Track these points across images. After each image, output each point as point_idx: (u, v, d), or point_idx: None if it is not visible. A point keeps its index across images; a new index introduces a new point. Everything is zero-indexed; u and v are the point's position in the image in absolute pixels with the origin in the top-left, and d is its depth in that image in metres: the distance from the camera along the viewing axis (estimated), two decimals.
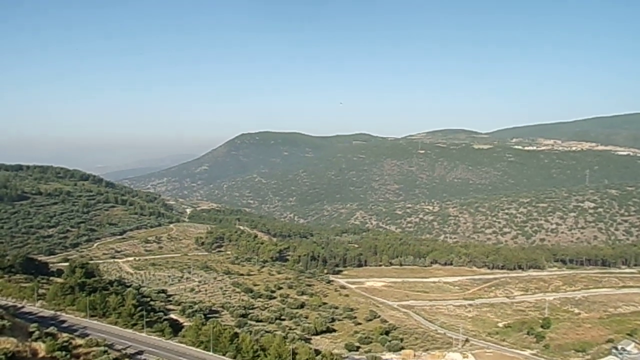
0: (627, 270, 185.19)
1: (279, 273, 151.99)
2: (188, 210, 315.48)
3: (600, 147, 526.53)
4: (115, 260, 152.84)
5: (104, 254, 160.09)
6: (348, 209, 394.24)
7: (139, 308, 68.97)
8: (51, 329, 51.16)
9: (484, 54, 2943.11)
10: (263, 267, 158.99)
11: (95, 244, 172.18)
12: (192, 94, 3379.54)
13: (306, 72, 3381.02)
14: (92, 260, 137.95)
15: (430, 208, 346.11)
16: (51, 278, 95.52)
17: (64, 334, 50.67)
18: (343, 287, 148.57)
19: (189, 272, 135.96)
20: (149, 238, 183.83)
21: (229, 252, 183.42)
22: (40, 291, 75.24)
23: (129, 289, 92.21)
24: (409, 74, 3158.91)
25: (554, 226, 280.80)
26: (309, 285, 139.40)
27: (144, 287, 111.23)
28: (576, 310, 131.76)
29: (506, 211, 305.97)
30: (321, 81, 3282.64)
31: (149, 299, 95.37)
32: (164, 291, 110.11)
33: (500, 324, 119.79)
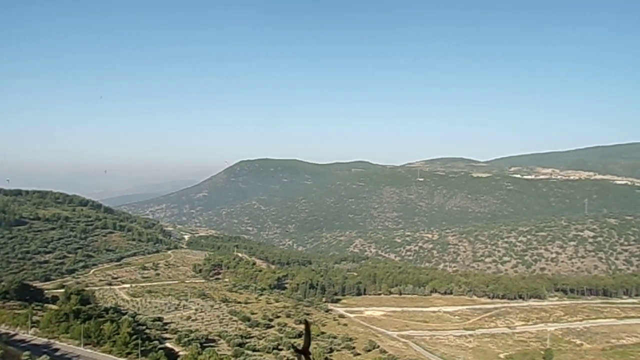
0: (629, 300, 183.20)
1: (276, 301, 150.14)
2: (186, 237, 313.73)
3: (599, 176, 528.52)
4: (112, 287, 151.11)
5: (101, 280, 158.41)
6: (347, 236, 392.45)
7: (134, 336, 68.00)
8: (43, 358, 50.34)
9: (482, 84, 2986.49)
10: (261, 295, 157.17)
11: (92, 270, 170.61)
12: (193, 121, 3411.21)
13: (305, 100, 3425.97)
14: (88, 286, 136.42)
15: (430, 236, 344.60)
16: (46, 305, 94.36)
17: None
18: (342, 316, 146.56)
19: (186, 300, 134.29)
20: (146, 265, 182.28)
21: (226, 280, 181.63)
22: (35, 318, 74.27)
23: (124, 317, 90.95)
24: (408, 102, 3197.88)
25: (554, 255, 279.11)
26: (307, 314, 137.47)
27: (139, 314, 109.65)
28: (578, 341, 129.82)
29: (506, 240, 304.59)
30: (320, 109, 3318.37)
31: (144, 327, 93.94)
32: (160, 319, 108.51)
33: (501, 355, 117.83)
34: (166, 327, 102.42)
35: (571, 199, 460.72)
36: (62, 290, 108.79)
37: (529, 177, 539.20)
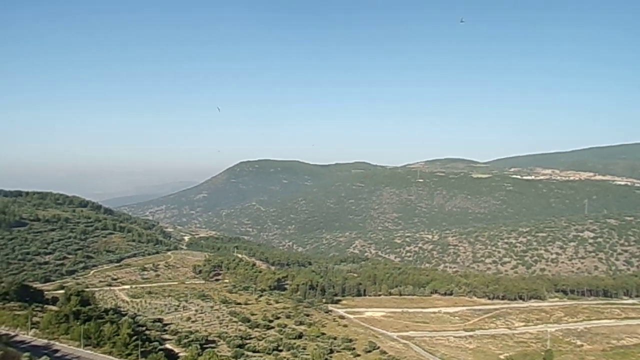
0: (629, 301, 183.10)
1: (276, 302, 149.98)
2: (186, 238, 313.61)
3: (598, 177, 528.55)
4: (112, 288, 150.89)
5: (101, 281, 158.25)
6: (347, 237, 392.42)
7: (134, 337, 67.88)
8: (44, 359, 50.30)
9: (482, 84, 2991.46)
10: (261, 296, 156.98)
11: (92, 271, 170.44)
12: (193, 122, 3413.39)
13: (305, 101, 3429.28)
14: (88, 287, 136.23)
15: (430, 237, 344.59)
16: (46, 306, 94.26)
17: None
18: (342, 317, 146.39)
19: (186, 301, 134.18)
20: (146, 266, 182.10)
21: (226, 281, 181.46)
22: (35, 319, 74.19)
23: (124, 318, 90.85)
24: (408, 103, 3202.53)
25: (554, 256, 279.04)
26: (307, 315, 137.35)
27: (139, 315, 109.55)
28: (579, 342, 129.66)
29: (506, 240, 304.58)
30: (321, 110, 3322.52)
31: (144, 328, 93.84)
32: (159, 320, 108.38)
33: (501, 356, 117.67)
34: (166, 328, 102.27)
35: (571, 199, 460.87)
36: (62, 291, 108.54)
37: (529, 177, 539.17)
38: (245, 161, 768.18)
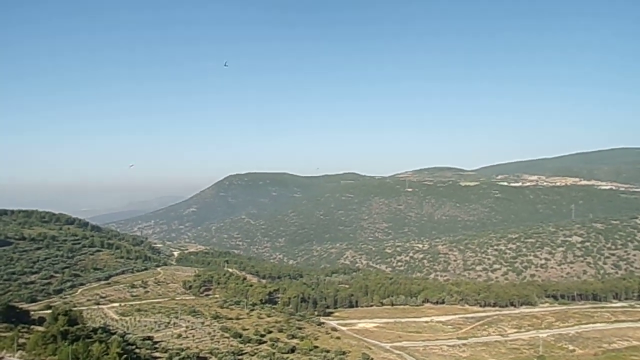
0: (619, 304, 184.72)
1: (268, 316, 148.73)
2: (176, 253, 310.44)
3: (584, 182, 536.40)
4: (100, 306, 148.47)
5: (88, 300, 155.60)
6: (337, 248, 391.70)
7: (124, 356, 66.82)
8: None
9: (467, 93, 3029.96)
10: (252, 310, 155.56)
11: (80, 290, 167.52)
12: (179, 137, 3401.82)
13: (294, 113, 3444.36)
14: (75, 307, 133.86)
15: (420, 246, 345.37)
16: (32, 326, 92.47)
17: None
18: (334, 329, 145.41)
19: (176, 317, 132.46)
20: (135, 282, 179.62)
21: (217, 296, 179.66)
22: (21, 340, 72.66)
23: (113, 337, 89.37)
24: (394, 113, 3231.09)
25: (543, 261, 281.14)
26: (300, 328, 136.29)
27: (129, 334, 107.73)
28: (571, 347, 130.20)
29: (495, 247, 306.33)
30: (309, 122, 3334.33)
31: (134, 347, 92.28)
32: (149, 338, 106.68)
33: None
34: (156, 346, 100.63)
35: (558, 205, 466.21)
36: (49, 311, 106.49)
37: (516, 184, 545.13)
38: (234, 174, 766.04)
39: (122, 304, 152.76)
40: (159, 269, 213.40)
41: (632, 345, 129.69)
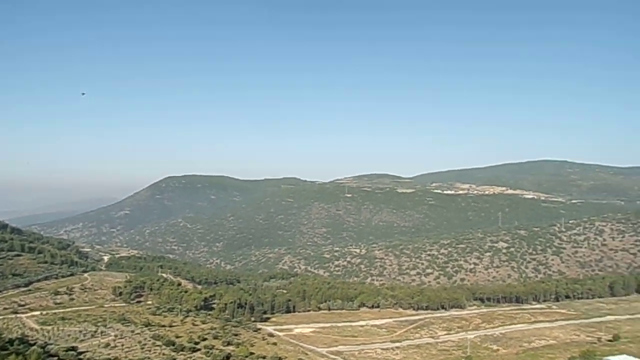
0: (538, 305, 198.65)
1: (203, 323, 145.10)
2: (106, 258, 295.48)
3: (510, 191, 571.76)
4: (18, 315, 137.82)
5: (5, 308, 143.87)
6: (276, 253, 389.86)
7: None
8: None
9: (406, 101, 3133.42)
10: (187, 317, 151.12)
11: None
12: (116, 134, 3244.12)
13: (233, 116, 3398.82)
14: None
15: (357, 251, 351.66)
16: None
17: None
18: (271, 335, 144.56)
19: (104, 326, 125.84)
20: (59, 289, 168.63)
21: (149, 302, 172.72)
22: None
23: (32, 348, 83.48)
24: (335, 119, 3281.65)
25: (472, 266, 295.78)
26: (236, 335, 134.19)
27: (50, 344, 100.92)
28: (495, 347, 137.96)
29: (428, 253, 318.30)
30: (249, 125, 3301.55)
31: (56, 358, 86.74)
32: (74, 348, 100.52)
33: None
34: (81, 356, 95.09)
35: (486, 212, 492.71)
36: None
37: (449, 192, 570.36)
38: (171, 176, 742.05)
39: (44, 312, 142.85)
40: (86, 274, 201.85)
41: (549, 344, 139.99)
